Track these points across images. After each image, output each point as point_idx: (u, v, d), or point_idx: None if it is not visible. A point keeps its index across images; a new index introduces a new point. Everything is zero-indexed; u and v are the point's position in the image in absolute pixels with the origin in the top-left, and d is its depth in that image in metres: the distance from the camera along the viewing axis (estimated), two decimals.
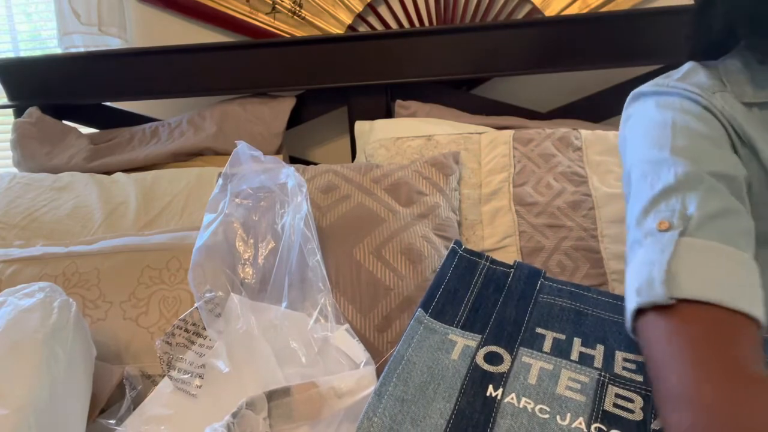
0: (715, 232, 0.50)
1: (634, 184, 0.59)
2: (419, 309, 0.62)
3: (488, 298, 0.63)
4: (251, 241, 0.92)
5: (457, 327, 0.60)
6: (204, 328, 0.82)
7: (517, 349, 0.56)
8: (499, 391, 0.52)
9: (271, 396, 0.68)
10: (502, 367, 0.55)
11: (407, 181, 1.07)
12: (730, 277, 0.48)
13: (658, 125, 0.60)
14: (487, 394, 0.52)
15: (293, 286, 0.86)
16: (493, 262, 0.71)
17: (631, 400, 0.51)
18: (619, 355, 0.55)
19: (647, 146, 0.59)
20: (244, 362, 0.80)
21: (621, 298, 0.60)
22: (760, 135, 0.59)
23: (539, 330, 0.58)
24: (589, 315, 0.60)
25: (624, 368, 0.54)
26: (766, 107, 0.61)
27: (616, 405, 0.51)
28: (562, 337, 0.57)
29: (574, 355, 0.55)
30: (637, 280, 0.51)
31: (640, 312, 0.51)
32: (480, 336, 0.58)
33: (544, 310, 0.61)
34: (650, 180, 0.56)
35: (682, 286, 0.48)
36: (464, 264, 0.70)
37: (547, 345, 0.56)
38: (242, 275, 0.89)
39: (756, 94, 0.61)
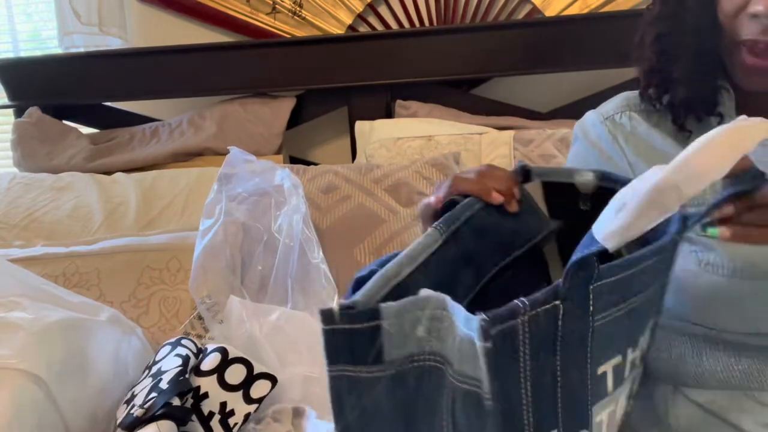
0: None
1: None
2: None
3: None
4: (250, 243, 0.92)
5: None
6: (206, 330, 0.82)
7: None
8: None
9: (296, 413, 0.69)
10: None
11: (408, 182, 1.07)
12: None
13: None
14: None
15: (296, 285, 0.86)
16: None
17: None
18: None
19: None
20: None
21: None
22: (657, 147, 0.63)
23: None
24: None
25: None
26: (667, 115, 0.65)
27: None
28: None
29: None
30: None
31: None
32: None
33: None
34: None
35: None
36: None
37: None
38: (243, 278, 0.89)
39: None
